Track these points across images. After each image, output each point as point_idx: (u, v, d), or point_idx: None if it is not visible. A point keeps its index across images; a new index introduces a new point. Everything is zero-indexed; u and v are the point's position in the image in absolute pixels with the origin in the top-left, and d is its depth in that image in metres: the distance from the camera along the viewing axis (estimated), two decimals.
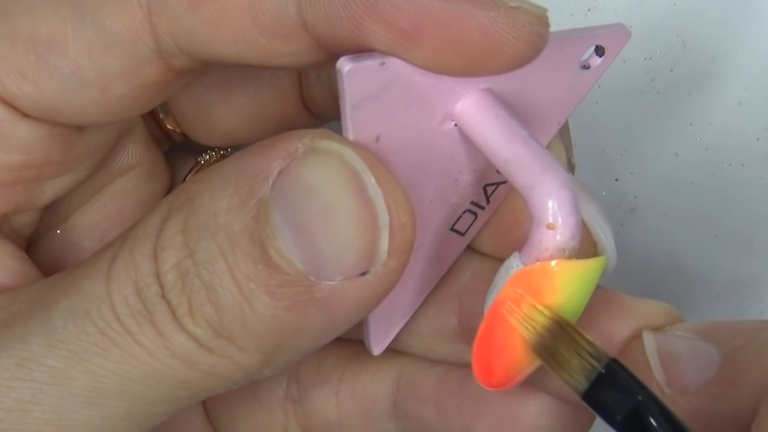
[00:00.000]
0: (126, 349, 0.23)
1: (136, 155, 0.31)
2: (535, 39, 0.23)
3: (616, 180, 0.47)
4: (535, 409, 0.29)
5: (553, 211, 0.24)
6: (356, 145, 0.24)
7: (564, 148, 0.30)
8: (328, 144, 0.23)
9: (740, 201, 0.46)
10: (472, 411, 0.30)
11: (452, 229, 0.29)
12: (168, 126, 0.32)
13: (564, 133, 0.30)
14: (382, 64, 0.24)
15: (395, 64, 0.24)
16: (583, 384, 0.24)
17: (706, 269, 0.46)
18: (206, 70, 0.27)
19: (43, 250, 0.31)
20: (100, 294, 0.24)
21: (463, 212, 0.29)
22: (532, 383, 0.29)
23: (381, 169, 0.24)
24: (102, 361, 0.23)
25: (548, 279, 0.24)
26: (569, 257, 0.24)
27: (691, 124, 0.46)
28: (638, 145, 0.46)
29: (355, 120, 0.24)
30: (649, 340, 0.27)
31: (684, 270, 0.46)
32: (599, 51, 0.27)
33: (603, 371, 0.24)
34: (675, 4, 0.46)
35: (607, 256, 0.28)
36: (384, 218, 0.23)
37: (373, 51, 0.24)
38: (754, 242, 0.46)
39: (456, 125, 0.26)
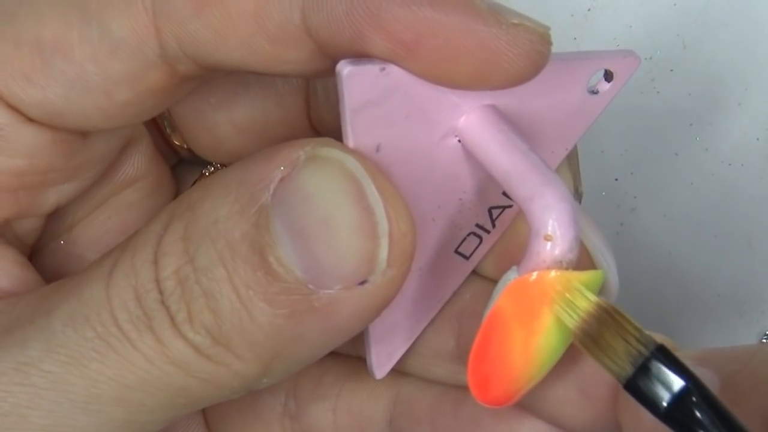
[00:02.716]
0: (124, 355, 0.23)
1: (141, 167, 0.31)
2: (536, 57, 0.23)
3: (616, 180, 0.47)
4: None
5: (552, 222, 0.24)
6: (357, 154, 0.24)
7: (572, 176, 0.30)
8: (330, 152, 0.23)
9: (740, 201, 0.46)
10: None
11: (456, 252, 0.29)
12: (175, 141, 0.32)
13: (572, 160, 0.30)
14: (383, 69, 0.24)
15: (395, 71, 0.24)
16: (627, 370, 0.23)
17: (706, 269, 0.46)
18: (210, 77, 0.27)
19: (46, 260, 0.31)
20: (100, 299, 0.24)
21: (468, 234, 0.28)
22: (527, 408, 0.29)
23: (382, 178, 0.23)
24: (100, 367, 0.23)
25: (543, 289, 0.24)
26: (567, 269, 0.24)
27: (691, 124, 0.46)
28: (638, 145, 0.47)
29: (355, 126, 0.24)
30: None
31: (684, 270, 0.46)
32: (608, 76, 0.27)
33: (649, 356, 0.23)
34: (675, 4, 0.46)
35: (609, 284, 0.28)
36: (384, 227, 0.23)
37: (373, 58, 0.24)
38: (754, 242, 0.46)
39: (459, 141, 0.26)
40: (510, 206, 0.28)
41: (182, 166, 0.33)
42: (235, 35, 0.24)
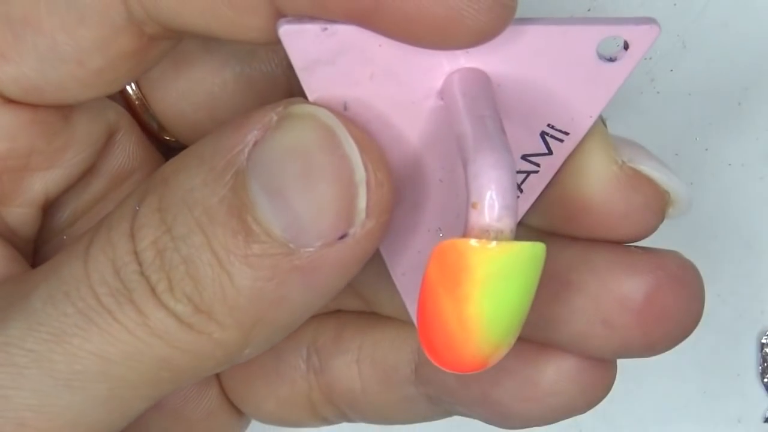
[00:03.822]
0: (106, 328, 0.23)
1: (135, 159, 0.31)
2: (499, 10, 0.22)
3: None
4: (554, 374, 0.29)
5: (478, 189, 0.23)
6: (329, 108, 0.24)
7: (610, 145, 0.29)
8: (301, 108, 0.24)
9: (740, 201, 0.46)
10: (491, 377, 0.30)
11: None
12: (165, 137, 0.33)
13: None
14: (325, 29, 0.23)
15: (342, 30, 0.24)
16: None
17: (706, 269, 0.46)
18: (180, 39, 0.27)
19: (50, 256, 0.31)
20: (79, 275, 0.24)
21: None
22: (555, 345, 0.29)
23: (355, 128, 0.23)
24: (82, 342, 0.23)
25: (459, 257, 0.23)
26: (495, 239, 0.23)
27: (691, 124, 0.46)
28: None
29: (309, 84, 0.24)
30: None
31: None
32: (626, 44, 0.26)
33: None
34: (675, 4, 0.46)
35: (681, 196, 0.28)
36: (360, 174, 0.23)
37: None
38: (754, 242, 0.46)
39: (444, 103, 0.26)
40: (536, 171, 0.28)
41: (175, 153, 0.34)
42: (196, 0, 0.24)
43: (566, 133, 0.27)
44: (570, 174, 0.28)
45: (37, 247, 0.30)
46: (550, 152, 0.27)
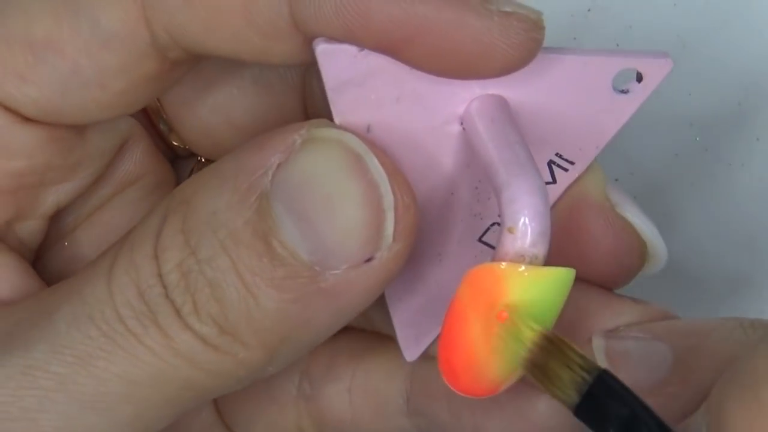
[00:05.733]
0: (130, 351, 0.23)
1: (142, 165, 0.31)
2: (531, 45, 0.23)
3: (616, 180, 0.47)
4: (545, 409, 0.29)
5: (514, 215, 0.23)
6: (353, 132, 0.24)
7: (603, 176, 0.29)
8: (326, 132, 0.24)
9: (740, 201, 0.46)
10: (483, 410, 0.30)
11: (481, 241, 0.28)
12: (174, 142, 0.32)
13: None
14: (361, 50, 0.24)
15: (377, 53, 0.24)
16: (573, 398, 0.23)
17: (705, 270, 0.46)
18: (201, 60, 0.27)
19: (51, 262, 0.31)
20: (103, 297, 0.24)
21: (492, 224, 0.28)
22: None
23: (381, 153, 0.24)
24: (107, 365, 0.23)
25: (495, 281, 0.23)
26: (530, 264, 0.23)
27: (691, 124, 0.46)
28: (638, 145, 0.46)
29: (337, 104, 0.24)
30: (598, 341, 0.27)
31: (683, 271, 0.46)
32: (639, 76, 0.27)
33: (593, 383, 0.23)
34: (675, 4, 0.46)
35: (657, 251, 0.29)
36: (389, 200, 0.23)
37: None
38: (754, 243, 0.46)
39: (464, 129, 0.26)
40: None
41: (181, 161, 0.33)
42: (224, 28, 0.24)
43: (572, 163, 0.27)
44: (565, 203, 0.28)
45: (38, 254, 0.30)
46: (554, 181, 0.28)
